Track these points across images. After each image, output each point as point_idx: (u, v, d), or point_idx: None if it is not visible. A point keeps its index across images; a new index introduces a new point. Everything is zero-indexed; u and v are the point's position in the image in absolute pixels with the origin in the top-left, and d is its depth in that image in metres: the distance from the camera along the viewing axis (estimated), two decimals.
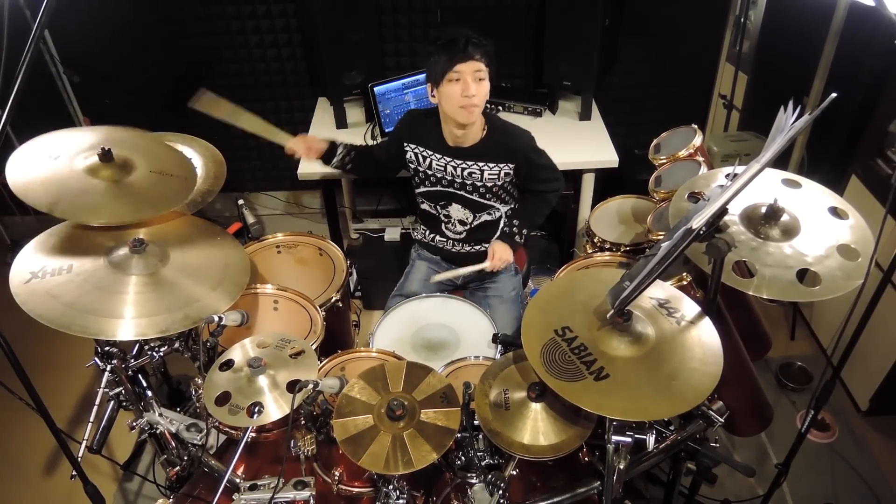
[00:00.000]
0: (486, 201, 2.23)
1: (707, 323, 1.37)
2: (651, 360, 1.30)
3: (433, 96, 2.05)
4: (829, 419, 2.53)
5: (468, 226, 2.30)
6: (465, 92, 1.94)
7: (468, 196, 2.23)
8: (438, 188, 2.25)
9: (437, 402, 1.44)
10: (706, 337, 1.34)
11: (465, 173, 2.17)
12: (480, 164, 2.14)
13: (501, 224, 2.30)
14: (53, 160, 1.60)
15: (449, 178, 2.20)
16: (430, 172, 2.23)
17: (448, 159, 2.17)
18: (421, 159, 2.22)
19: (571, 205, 2.97)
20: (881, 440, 2.48)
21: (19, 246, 1.56)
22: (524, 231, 2.24)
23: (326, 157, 2.26)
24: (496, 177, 2.16)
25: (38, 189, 1.50)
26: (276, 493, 1.36)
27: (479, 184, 2.18)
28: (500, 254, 2.17)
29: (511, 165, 2.14)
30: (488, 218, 2.28)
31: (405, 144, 2.23)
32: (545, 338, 1.33)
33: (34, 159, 1.58)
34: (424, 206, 2.35)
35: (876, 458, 2.42)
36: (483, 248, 2.36)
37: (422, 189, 2.30)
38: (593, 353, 1.30)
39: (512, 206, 2.31)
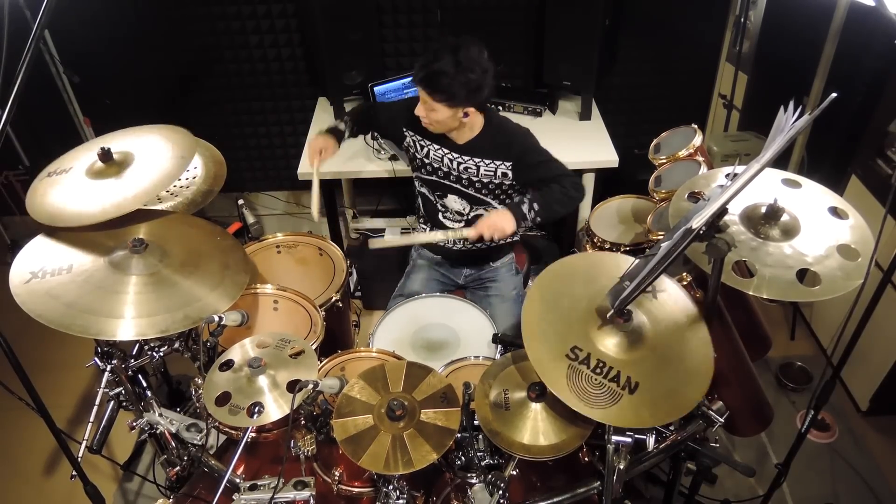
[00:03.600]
0: (482, 196, 2.23)
1: (675, 287, 1.44)
2: (658, 351, 1.33)
3: None
4: (829, 419, 2.53)
5: (465, 217, 2.30)
6: (418, 111, 2.04)
7: (464, 189, 2.23)
8: (435, 178, 2.26)
9: (437, 402, 1.44)
10: (683, 303, 1.41)
11: (462, 168, 2.18)
12: (476, 159, 2.15)
13: None
14: (63, 176, 1.62)
15: (445, 169, 2.21)
16: (427, 161, 2.24)
17: (445, 151, 2.18)
18: (419, 147, 2.23)
19: None
20: (881, 440, 2.48)
21: (19, 246, 1.55)
22: (535, 206, 2.04)
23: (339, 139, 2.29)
24: (492, 174, 2.16)
25: (60, 210, 1.53)
26: (276, 493, 1.36)
27: (474, 179, 2.19)
28: (492, 220, 2.02)
29: (507, 164, 2.14)
30: (485, 213, 2.28)
31: (405, 130, 2.25)
32: (563, 368, 1.30)
33: (49, 186, 1.61)
34: (423, 190, 2.35)
35: (876, 458, 2.42)
36: (483, 247, 2.36)
37: (419, 174, 2.32)
38: (612, 364, 1.30)
39: None
